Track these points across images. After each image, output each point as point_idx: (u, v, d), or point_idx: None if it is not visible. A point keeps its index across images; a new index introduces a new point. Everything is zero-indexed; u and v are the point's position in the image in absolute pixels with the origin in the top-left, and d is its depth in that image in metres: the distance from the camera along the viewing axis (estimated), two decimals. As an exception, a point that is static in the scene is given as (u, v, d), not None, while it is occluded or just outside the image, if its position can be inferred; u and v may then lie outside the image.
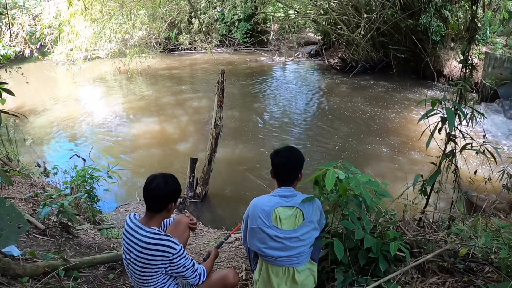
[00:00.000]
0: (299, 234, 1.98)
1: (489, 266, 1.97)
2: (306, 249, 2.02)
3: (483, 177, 2.77)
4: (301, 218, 1.99)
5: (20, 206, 3.36)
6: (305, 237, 2.00)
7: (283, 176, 2.06)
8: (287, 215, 1.99)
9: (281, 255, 1.99)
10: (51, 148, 6.85)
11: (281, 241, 1.97)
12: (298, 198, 2.02)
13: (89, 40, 9.47)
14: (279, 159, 2.05)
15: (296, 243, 1.98)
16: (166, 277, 1.82)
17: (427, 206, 2.54)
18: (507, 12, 9.06)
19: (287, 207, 2.00)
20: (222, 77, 4.64)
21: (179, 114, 8.58)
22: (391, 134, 7.15)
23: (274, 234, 1.97)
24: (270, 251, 1.99)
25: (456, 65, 10.19)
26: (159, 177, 1.79)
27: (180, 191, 1.87)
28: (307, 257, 2.06)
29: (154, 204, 1.79)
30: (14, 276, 2.16)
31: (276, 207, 1.98)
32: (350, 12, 10.69)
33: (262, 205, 2.01)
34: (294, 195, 2.04)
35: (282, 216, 1.98)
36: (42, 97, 9.83)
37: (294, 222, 1.98)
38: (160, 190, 1.76)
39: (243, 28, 15.27)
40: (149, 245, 1.71)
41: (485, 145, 2.32)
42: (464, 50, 2.33)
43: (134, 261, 1.75)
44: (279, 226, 1.97)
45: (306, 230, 2.00)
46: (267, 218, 1.97)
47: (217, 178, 5.24)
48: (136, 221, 1.80)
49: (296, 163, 2.03)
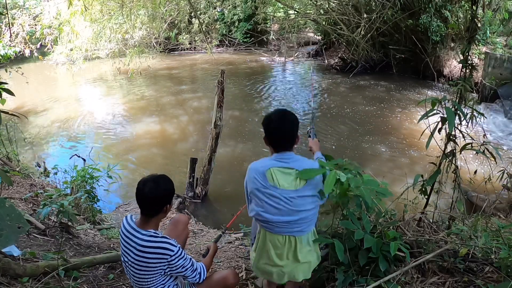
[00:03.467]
0: (301, 194, 1.82)
1: (489, 266, 1.97)
2: (310, 215, 1.86)
3: (483, 177, 2.77)
4: (302, 180, 1.83)
5: (20, 206, 3.36)
6: (307, 201, 1.84)
7: (278, 142, 1.89)
8: (285, 175, 1.83)
9: (281, 220, 1.83)
10: (51, 148, 6.85)
11: (280, 203, 1.81)
12: (298, 161, 1.86)
13: (89, 40, 9.46)
14: (273, 124, 1.88)
15: (297, 206, 1.82)
16: (166, 278, 1.82)
17: (427, 206, 2.54)
18: (507, 12, 9.06)
19: (284, 168, 1.84)
20: (222, 77, 4.65)
21: (179, 114, 8.58)
22: (391, 134, 7.15)
23: (271, 194, 1.81)
24: (268, 215, 1.84)
25: (456, 65, 10.19)
26: (150, 181, 1.75)
27: (174, 191, 1.83)
28: (310, 225, 1.90)
29: (149, 208, 1.75)
30: (14, 276, 2.16)
31: (271, 167, 1.84)
32: (350, 12, 10.69)
33: (257, 166, 1.88)
34: (293, 158, 1.87)
35: (278, 176, 1.82)
36: (42, 97, 9.84)
37: (295, 183, 1.82)
38: (152, 194, 1.72)
39: (243, 28, 15.26)
40: (146, 248, 1.70)
41: (485, 145, 2.32)
42: (464, 50, 2.33)
43: (133, 264, 1.75)
44: (277, 185, 1.81)
45: (309, 193, 1.84)
46: (262, 178, 1.83)
47: (217, 178, 5.24)
48: (132, 223, 1.78)
49: (292, 126, 1.88)
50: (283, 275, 1.95)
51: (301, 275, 1.96)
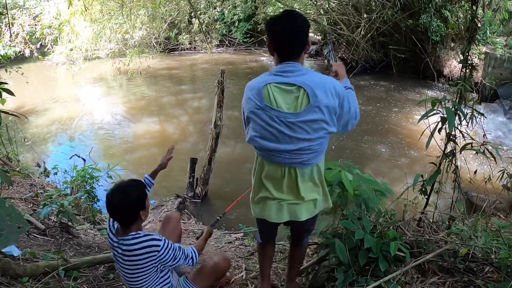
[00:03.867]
0: (302, 119, 1.50)
1: (489, 266, 1.97)
2: (314, 145, 1.56)
3: (483, 177, 2.77)
4: (305, 99, 1.50)
5: (20, 206, 3.36)
6: (312, 127, 1.52)
7: (285, 48, 1.55)
8: (283, 92, 1.52)
9: (279, 148, 1.55)
10: (51, 148, 6.85)
11: (277, 128, 1.52)
12: (304, 75, 1.53)
13: (89, 40, 9.46)
14: (280, 25, 1.55)
15: (297, 133, 1.52)
16: (160, 275, 1.80)
17: (427, 206, 2.54)
18: (507, 12, 9.05)
19: (284, 83, 1.52)
20: (222, 77, 4.65)
21: (179, 114, 8.58)
22: (391, 134, 7.15)
23: (268, 116, 1.53)
24: (264, 141, 1.57)
25: (456, 65, 10.19)
26: (116, 193, 1.68)
27: (144, 196, 1.75)
28: (315, 158, 1.61)
29: (123, 220, 1.71)
30: (14, 276, 2.16)
31: (268, 83, 1.53)
32: (350, 12, 10.69)
33: (253, 83, 1.59)
34: (300, 70, 1.54)
35: (276, 94, 1.52)
36: (42, 97, 9.83)
37: (295, 104, 1.51)
38: (122, 205, 1.67)
39: (243, 28, 15.26)
40: (133, 251, 1.68)
41: (485, 145, 2.32)
42: (464, 50, 2.33)
43: (125, 269, 1.74)
44: (274, 106, 1.52)
45: (313, 118, 1.51)
46: (258, 97, 1.54)
47: (217, 178, 5.24)
48: (113, 236, 1.75)
49: (302, 28, 1.55)
50: (281, 211, 1.68)
51: (305, 214, 1.69)
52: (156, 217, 4.22)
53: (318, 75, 1.56)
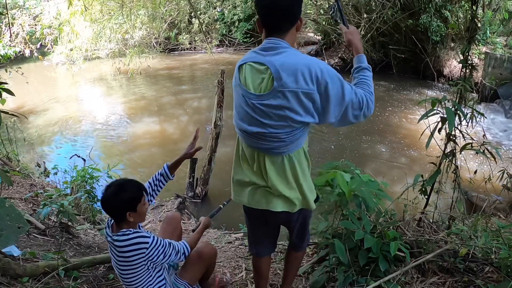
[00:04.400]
0: (264, 103, 1.39)
1: (489, 266, 1.97)
2: (280, 134, 1.42)
3: (483, 177, 2.77)
4: (270, 82, 1.38)
5: (20, 206, 3.36)
6: (274, 114, 1.39)
7: (270, 20, 1.42)
8: (254, 72, 1.43)
9: (248, 129, 1.48)
10: (51, 148, 6.85)
11: (245, 108, 1.46)
12: (279, 54, 1.39)
13: (89, 40, 9.46)
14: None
15: (262, 117, 1.42)
16: (151, 273, 1.79)
17: (427, 206, 2.54)
18: (507, 12, 9.05)
19: (257, 63, 1.42)
20: (222, 77, 4.65)
21: (179, 114, 8.58)
22: (391, 134, 7.15)
23: (240, 95, 1.49)
24: (238, 120, 1.54)
25: (456, 65, 10.19)
26: (111, 188, 1.71)
27: (135, 199, 1.72)
28: (285, 147, 1.47)
29: (112, 214, 1.73)
30: (14, 276, 2.16)
31: (246, 62, 1.47)
32: (350, 12, 10.69)
33: (239, 61, 1.53)
34: (278, 49, 1.39)
35: (247, 74, 1.45)
36: (42, 97, 9.83)
37: (261, 85, 1.41)
38: (112, 202, 1.69)
39: (243, 28, 15.25)
40: (122, 248, 1.69)
41: (485, 145, 2.32)
42: (464, 50, 2.33)
43: (118, 266, 1.76)
44: (243, 85, 1.46)
45: (276, 103, 1.37)
46: (236, 74, 1.51)
47: (217, 178, 5.23)
48: (108, 230, 1.78)
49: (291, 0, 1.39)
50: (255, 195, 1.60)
51: (280, 205, 1.58)
52: (156, 217, 4.22)
53: (295, 56, 1.38)
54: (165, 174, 2.02)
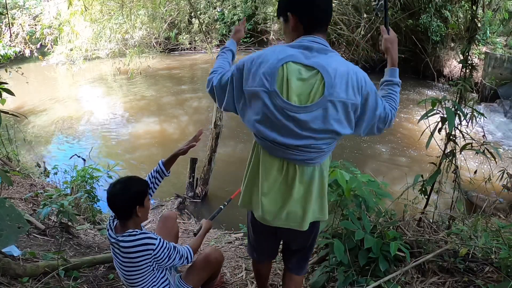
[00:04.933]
0: (310, 117, 1.23)
1: (489, 266, 1.97)
2: (321, 144, 1.30)
3: (483, 177, 2.77)
4: (320, 89, 1.22)
5: (20, 206, 3.36)
6: (317, 125, 1.24)
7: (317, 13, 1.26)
8: (300, 78, 1.22)
9: (280, 141, 1.29)
10: (51, 148, 6.86)
11: (281, 120, 1.25)
12: (329, 57, 1.24)
13: (89, 40, 9.46)
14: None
15: (303, 130, 1.25)
16: (155, 274, 1.79)
17: (427, 206, 2.54)
18: (507, 12, 9.05)
19: (304, 65, 1.22)
20: (222, 77, 4.64)
21: (179, 114, 8.58)
22: (391, 134, 7.15)
23: (272, 104, 1.24)
24: (264, 128, 1.29)
25: (456, 65, 10.19)
26: (118, 184, 1.72)
27: (143, 192, 1.75)
28: (321, 157, 1.34)
29: (119, 211, 1.72)
30: (14, 276, 2.16)
31: (287, 61, 1.23)
32: (350, 12, 10.69)
33: (271, 55, 1.25)
34: (325, 50, 1.25)
35: (291, 80, 1.22)
36: (42, 97, 9.83)
37: (309, 94, 1.22)
38: (119, 196, 1.69)
39: (243, 28, 15.24)
40: (128, 249, 1.68)
41: (485, 145, 2.32)
42: (464, 50, 2.34)
43: (122, 267, 1.74)
44: (283, 94, 1.23)
45: (322, 114, 1.23)
46: (269, 78, 1.23)
47: (217, 178, 5.24)
48: (112, 233, 1.76)
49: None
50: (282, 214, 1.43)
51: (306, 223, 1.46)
52: (156, 217, 4.22)
53: (343, 61, 1.26)
54: (160, 171, 2.02)
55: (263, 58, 1.26)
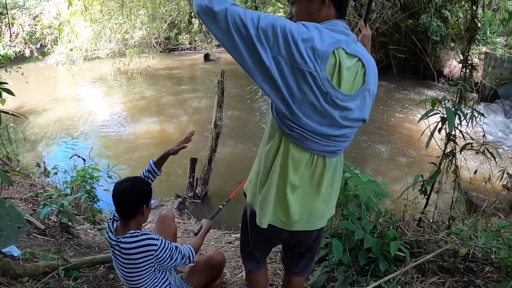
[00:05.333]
0: (354, 106, 1.19)
1: (489, 266, 1.97)
2: (352, 133, 1.28)
3: (483, 177, 2.77)
4: (361, 79, 1.19)
5: (20, 206, 3.36)
6: (358, 115, 1.22)
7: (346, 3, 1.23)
8: (347, 67, 1.14)
9: (318, 131, 1.18)
10: (51, 148, 6.85)
11: (327, 109, 1.15)
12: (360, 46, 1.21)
13: (89, 40, 9.47)
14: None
15: (344, 119, 1.20)
16: (157, 275, 1.79)
17: (427, 206, 2.54)
18: (507, 12, 9.06)
19: (346, 53, 1.14)
20: (222, 77, 4.65)
21: (179, 114, 8.58)
22: (391, 134, 7.15)
23: (320, 91, 1.11)
24: (304, 118, 1.15)
25: (456, 65, 10.19)
26: (125, 182, 1.73)
27: (150, 192, 1.76)
28: (344, 145, 1.30)
29: (125, 209, 1.72)
30: (14, 276, 2.16)
31: (338, 47, 1.11)
32: (350, 12, 10.69)
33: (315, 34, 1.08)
34: (355, 38, 1.21)
35: (343, 67, 1.13)
36: (42, 97, 9.83)
37: (352, 82, 1.17)
38: (127, 193, 1.69)
39: (243, 28, 15.25)
40: (130, 250, 1.67)
41: (485, 145, 2.32)
42: (464, 50, 2.34)
43: (123, 268, 1.74)
44: (335, 84, 1.13)
45: (361, 103, 1.21)
46: (321, 62, 1.08)
47: (217, 178, 5.23)
48: (112, 235, 1.75)
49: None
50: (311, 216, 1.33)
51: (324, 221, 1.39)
52: (156, 217, 4.22)
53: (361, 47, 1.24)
54: (152, 170, 2.01)
55: (308, 35, 1.08)
